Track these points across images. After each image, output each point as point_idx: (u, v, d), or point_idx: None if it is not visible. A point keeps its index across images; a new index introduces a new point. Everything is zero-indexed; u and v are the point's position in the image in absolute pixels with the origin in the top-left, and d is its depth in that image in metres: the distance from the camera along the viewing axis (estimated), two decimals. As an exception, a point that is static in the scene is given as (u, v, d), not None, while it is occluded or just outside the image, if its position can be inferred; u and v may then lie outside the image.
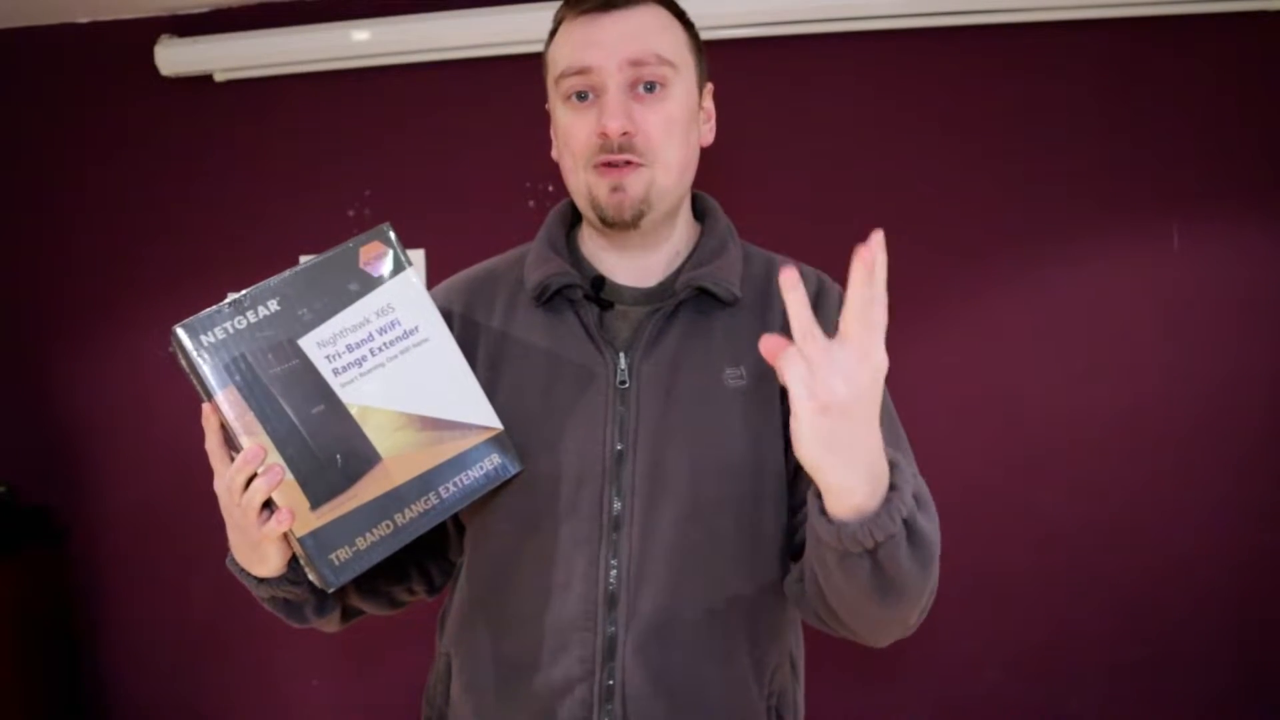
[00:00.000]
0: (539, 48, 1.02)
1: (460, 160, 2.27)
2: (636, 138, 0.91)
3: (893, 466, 0.76)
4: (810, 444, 0.70)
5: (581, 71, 0.92)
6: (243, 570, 0.90)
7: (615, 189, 0.93)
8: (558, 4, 1.00)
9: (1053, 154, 2.09)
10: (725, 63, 2.15)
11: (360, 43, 2.19)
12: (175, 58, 2.27)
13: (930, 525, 0.82)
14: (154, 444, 2.39)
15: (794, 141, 2.17)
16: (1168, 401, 2.07)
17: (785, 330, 0.96)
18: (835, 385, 0.68)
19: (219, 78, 2.33)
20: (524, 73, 1.05)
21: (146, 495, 2.42)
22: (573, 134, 0.94)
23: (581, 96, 0.94)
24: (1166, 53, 2.04)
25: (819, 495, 0.76)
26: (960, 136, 2.11)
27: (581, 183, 0.95)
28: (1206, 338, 2.06)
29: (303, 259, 0.87)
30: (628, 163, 0.92)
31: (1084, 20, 2.04)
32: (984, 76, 2.10)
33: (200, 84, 2.35)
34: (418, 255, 2.27)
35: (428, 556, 1.06)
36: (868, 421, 0.70)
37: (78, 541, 2.49)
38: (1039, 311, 2.11)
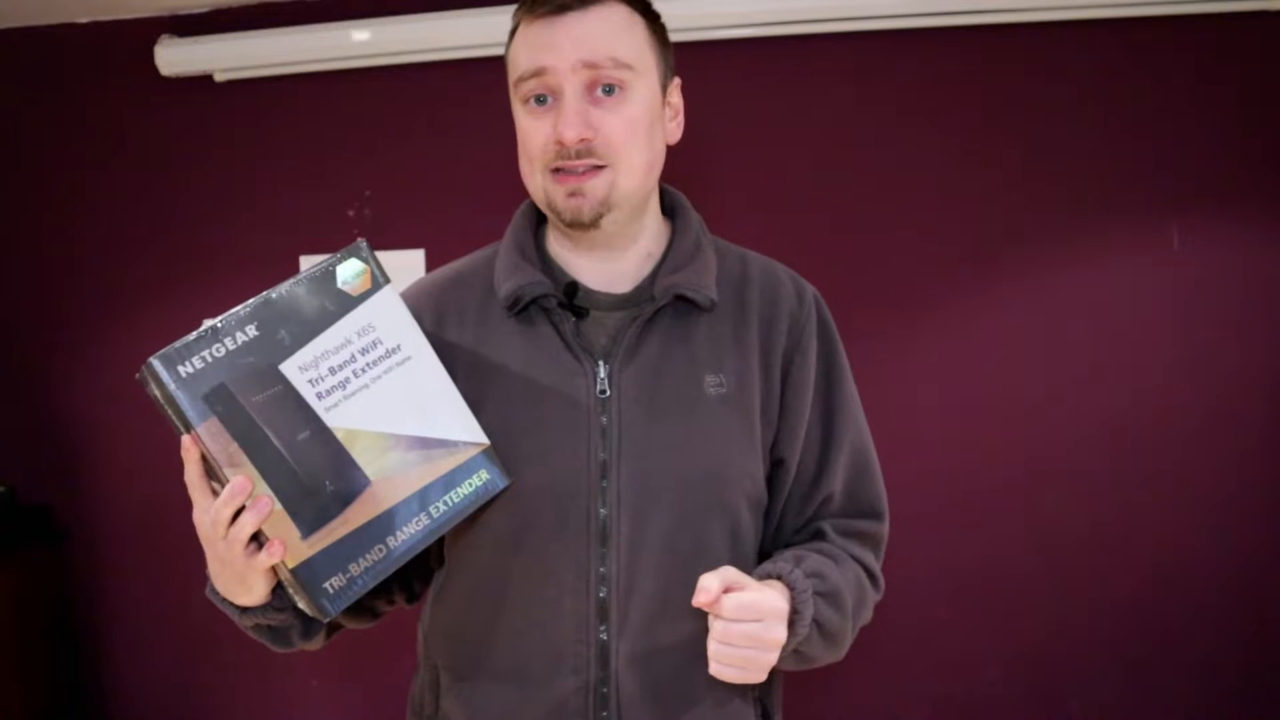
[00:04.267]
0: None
1: (460, 160, 2.27)
2: (596, 141, 0.90)
3: (790, 587, 0.88)
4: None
5: (537, 74, 0.90)
6: (225, 600, 0.87)
7: (573, 194, 0.91)
8: None
9: (1052, 154, 2.09)
10: (724, 63, 2.16)
11: (360, 43, 2.19)
12: (175, 58, 2.27)
13: (836, 612, 0.93)
14: (154, 444, 2.39)
15: (792, 141, 2.17)
16: (1168, 402, 2.07)
17: (766, 332, 0.99)
18: (765, 660, 0.86)
19: (219, 78, 2.33)
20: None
21: (147, 495, 2.42)
22: (530, 137, 0.93)
23: (540, 100, 0.92)
24: (1166, 53, 2.04)
25: None
26: (960, 137, 2.11)
27: (539, 187, 0.94)
28: (1206, 338, 2.06)
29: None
30: (592, 167, 0.91)
31: (1084, 20, 2.04)
32: (983, 76, 2.10)
33: (200, 84, 2.35)
34: (417, 255, 2.27)
35: (408, 567, 1.02)
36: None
37: (78, 541, 2.49)
38: (1039, 312, 2.11)
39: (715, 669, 0.84)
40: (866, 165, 2.15)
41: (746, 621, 0.82)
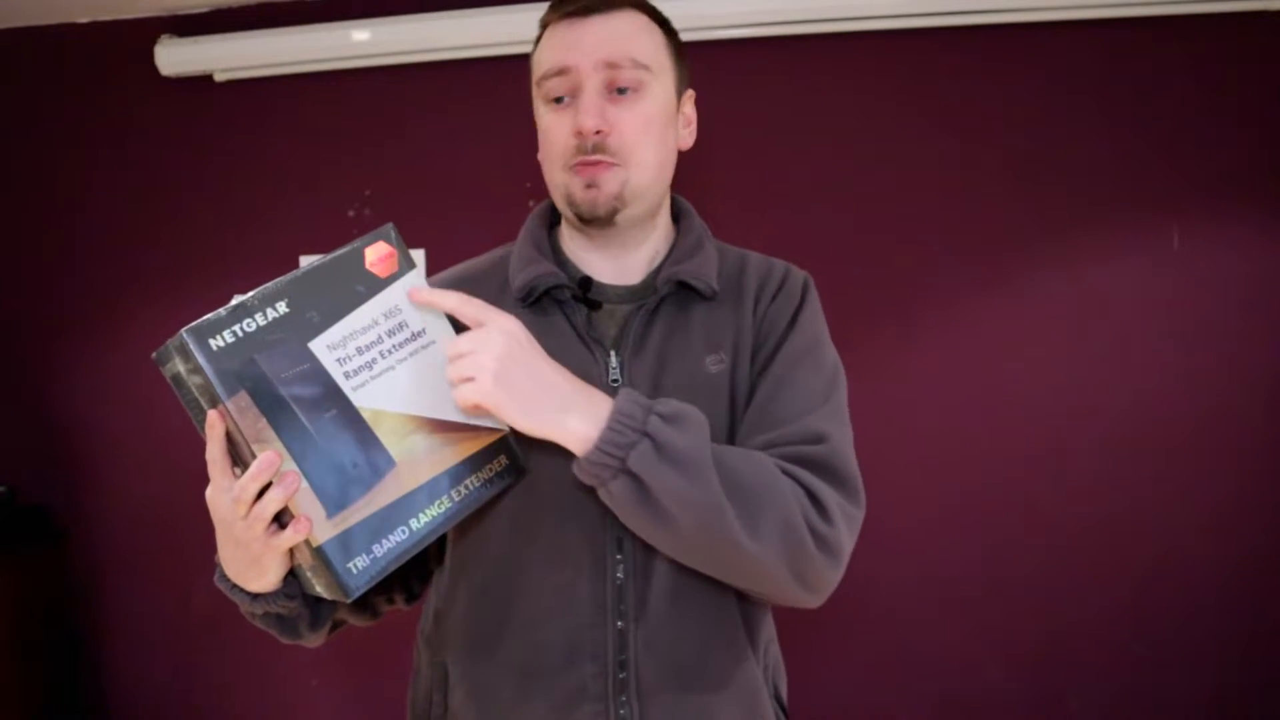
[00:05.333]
0: (539, 48, 1.02)
1: (460, 160, 2.27)
2: (610, 137, 0.94)
3: (627, 399, 0.83)
4: (500, 409, 0.81)
5: (560, 73, 0.95)
6: (235, 587, 0.87)
7: (589, 185, 0.95)
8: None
9: (1053, 154, 2.09)
10: (725, 63, 2.16)
11: (360, 43, 2.19)
12: (175, 58, 2.27)
13: (688, 438, 0.83)
14: (154, 443, 2.40)
15: (793, 141, 2.17)
16: (1168, 401, 2.07)
17: (756, 305, 1.00)
18: (484, 361, 0.81)
19: (219, 78, 2.33)
20: (523, 73, 1.06)
21: (146, 495, 2.42)
22: (551, 134, 0.97)
23: (560, 100, 0.96)
24: (1166, 53, 2.04)
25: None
26: (960, 137, 2.11)
27: (559, 182, 0.98)
28: (1206, 338, 2.06)
29: (303, 259, 0.86)
30: (601, 162, 0.94)
31: (1084, 20, 2.04)
32: (984, 77, 2.10)
33: (200, 84, 2.35)
34: (418, 255, 2.27)
35: (409, 566, 1.02)
36: (523, 371, 0.81)
37: (78, 541, 2.49)
38: (1040, 311, 2.11)
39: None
40: (866, 165, 2.15)
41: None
